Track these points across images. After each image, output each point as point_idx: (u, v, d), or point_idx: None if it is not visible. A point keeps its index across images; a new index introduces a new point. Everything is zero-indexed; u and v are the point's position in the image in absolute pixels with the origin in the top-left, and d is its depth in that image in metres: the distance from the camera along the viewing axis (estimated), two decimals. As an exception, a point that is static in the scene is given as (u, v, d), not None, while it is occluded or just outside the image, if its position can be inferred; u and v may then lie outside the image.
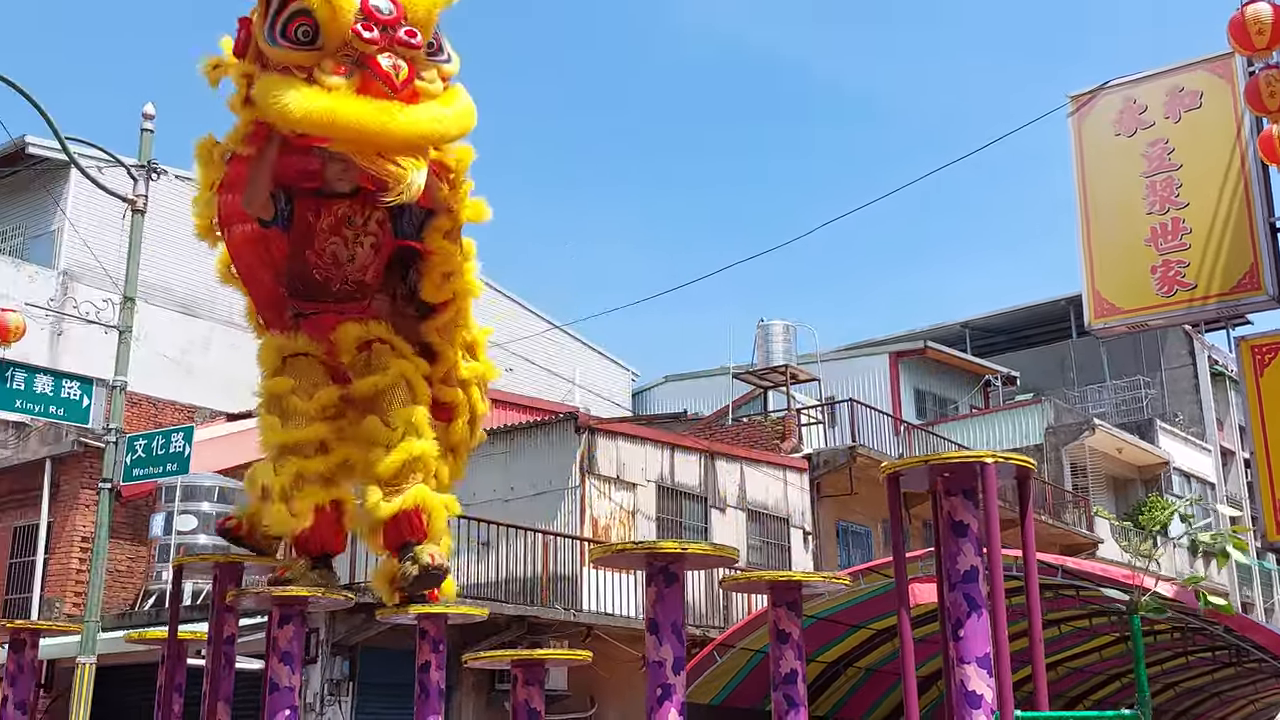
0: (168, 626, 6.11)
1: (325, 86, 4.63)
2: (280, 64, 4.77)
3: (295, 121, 4.64)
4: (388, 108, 4.62)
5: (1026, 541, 3.95)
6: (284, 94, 4.63)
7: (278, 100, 4.63)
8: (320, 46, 4.72)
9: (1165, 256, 10.96)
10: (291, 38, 4.74)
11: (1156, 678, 16.30)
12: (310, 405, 5.23)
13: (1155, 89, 11.50)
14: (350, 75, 4.67)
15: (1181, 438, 30.58)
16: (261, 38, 4.83)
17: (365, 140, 4.66)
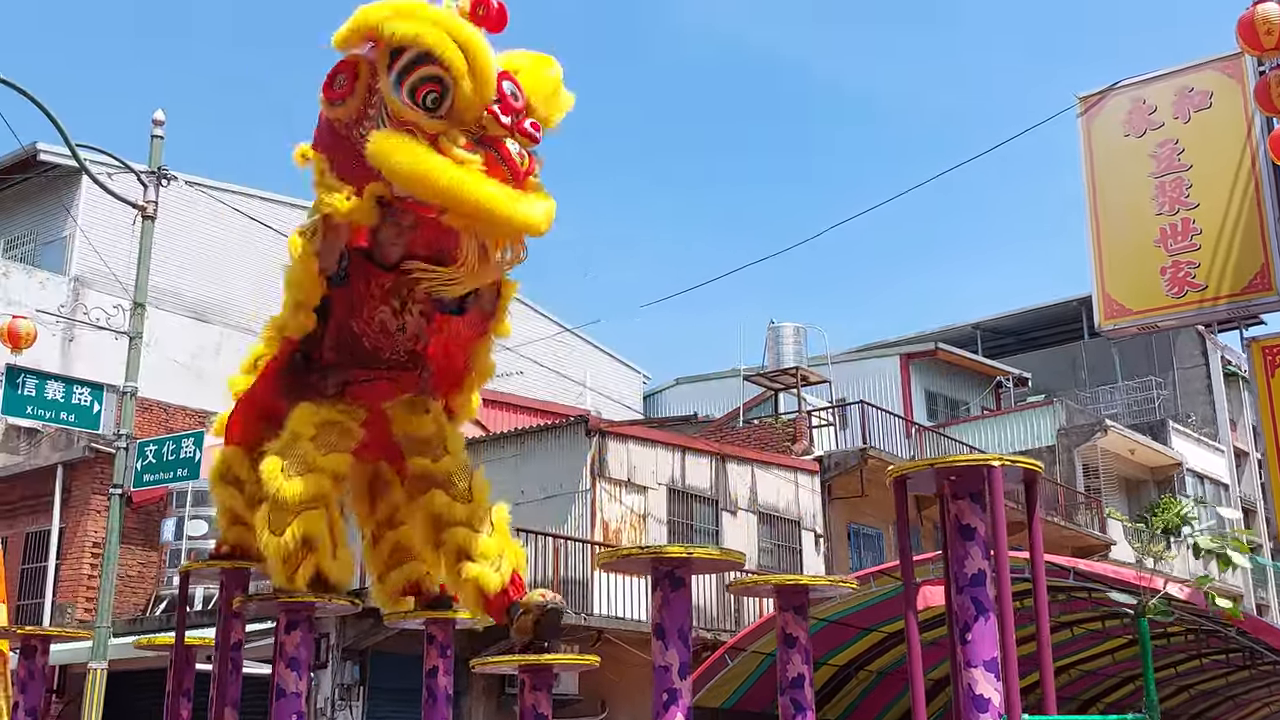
0: (175, 633, 6.12)
1: (456, 159, 4.45)
2: (402, 120, 4.53)
3: (432, 190, 4.45)
4: (512, 194, 4.49)
5: (1034, 544, 3.92)
6: (421, 158, 4.43)
7: (413, 163, 4.42)
8: (445, 116, 4.50)
9: (1175, 257, 10.92)
10: (419, 101, 4.50)
11: (1170, 680, 16.22)
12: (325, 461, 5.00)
13: (1164, 89, 11.46)
14: (475, 152, 4.51)
15: (1194, 439, 30.46)
16: (387, 89, 4.57)
17: (486, 222, 4.54)
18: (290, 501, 4.83)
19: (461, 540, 5.05)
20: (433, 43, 4.43)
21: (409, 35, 4.46)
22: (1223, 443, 31.50)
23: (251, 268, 24.34)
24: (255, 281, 24.47)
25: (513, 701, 14.83)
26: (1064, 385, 32.24)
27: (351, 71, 4.71)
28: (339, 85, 4.75)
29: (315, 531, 4.87)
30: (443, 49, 4.43)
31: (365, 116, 4.70)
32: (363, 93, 4.70)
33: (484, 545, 5.05)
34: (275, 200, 24.41)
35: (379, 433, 5.26)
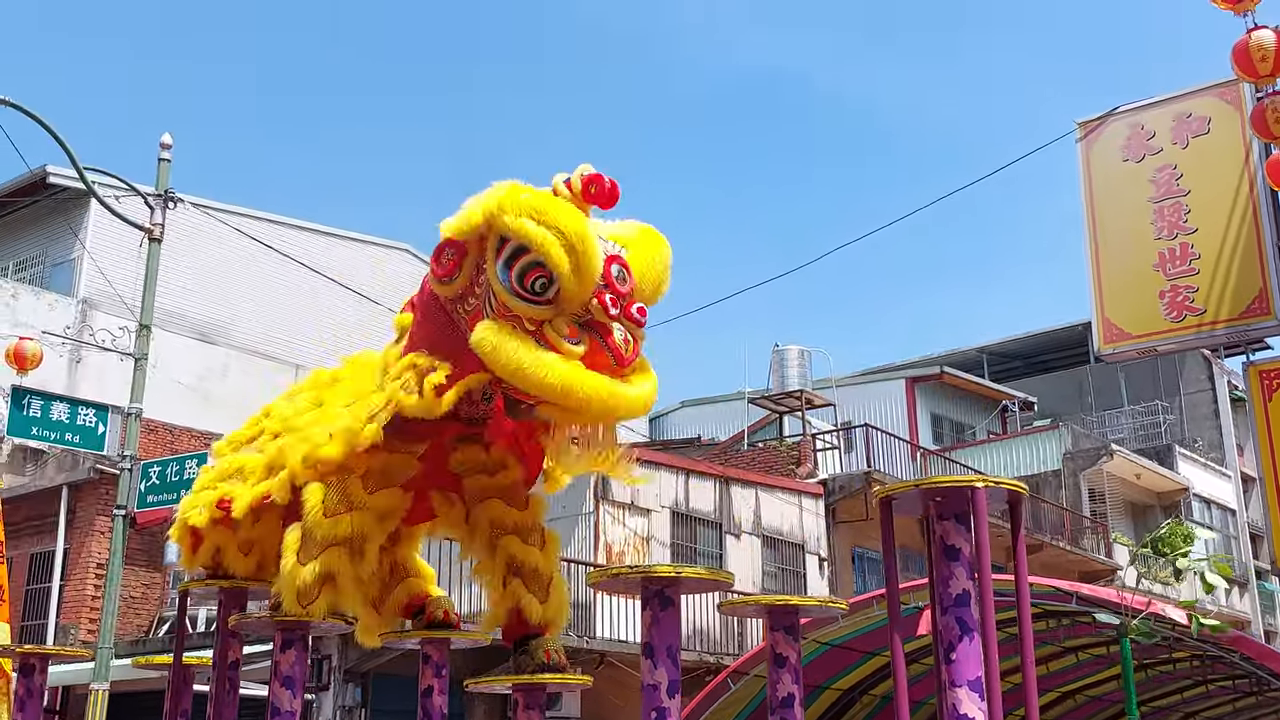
0: (173, 652, 6.16)
1: (562, 352, 4.43)
2: (507, 309, 4.51)
3: (536, 385, 4.42)
4: (614, 383, 4.48)
5: (1019, 564, 3.96)
6: (526, 354, 4.41)
7: (519, 359, 4.40)
8: (552, 301, 4.46)
9: (1174, 281, 10.94)
10: (528, 286, 4.46)
11: (1177, 707, 16.12)
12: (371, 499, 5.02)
13: (1163, 115, 11.51)
14: (579, 341, 4.48)
15: (1201, 463, 30.38)
16: (494, 276, 4.54)
17: (587, 415, 4.56)
18: (322, 536, 4.87)
19: (513, 550, 5.12)
20: (538, 241, 4.41)
21: (514, 230, 4.45)
22: (1229, 468, 31.40)
23: (257, 289, 24.50)
24: (260, 303, 24.63)
25: (514, 724, 14.83)
26: (1070, 409, 32.21)
27: (460, 249, 4.70)
28: (446, 260, 4.73)
29: (338, 569, 4.90)
30: (547, 248, 4.40)
31: (471, 294, 4.71)
32: (470, 272, 4.69)
33: (536, 561, 5.12)
34: (280, 222, 24.58)
35: (435, 463, 5.27)
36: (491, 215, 4.52)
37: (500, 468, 5.29)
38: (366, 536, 4.99)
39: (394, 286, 24.91)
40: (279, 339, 24.72)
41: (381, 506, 5.03)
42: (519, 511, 5.21)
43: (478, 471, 5.29)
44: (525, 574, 5.09)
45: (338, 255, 24.82)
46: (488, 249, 4.59)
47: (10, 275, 23.23)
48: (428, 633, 5.61)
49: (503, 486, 5.26)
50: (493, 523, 5.18)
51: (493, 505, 5.21)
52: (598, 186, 4.58)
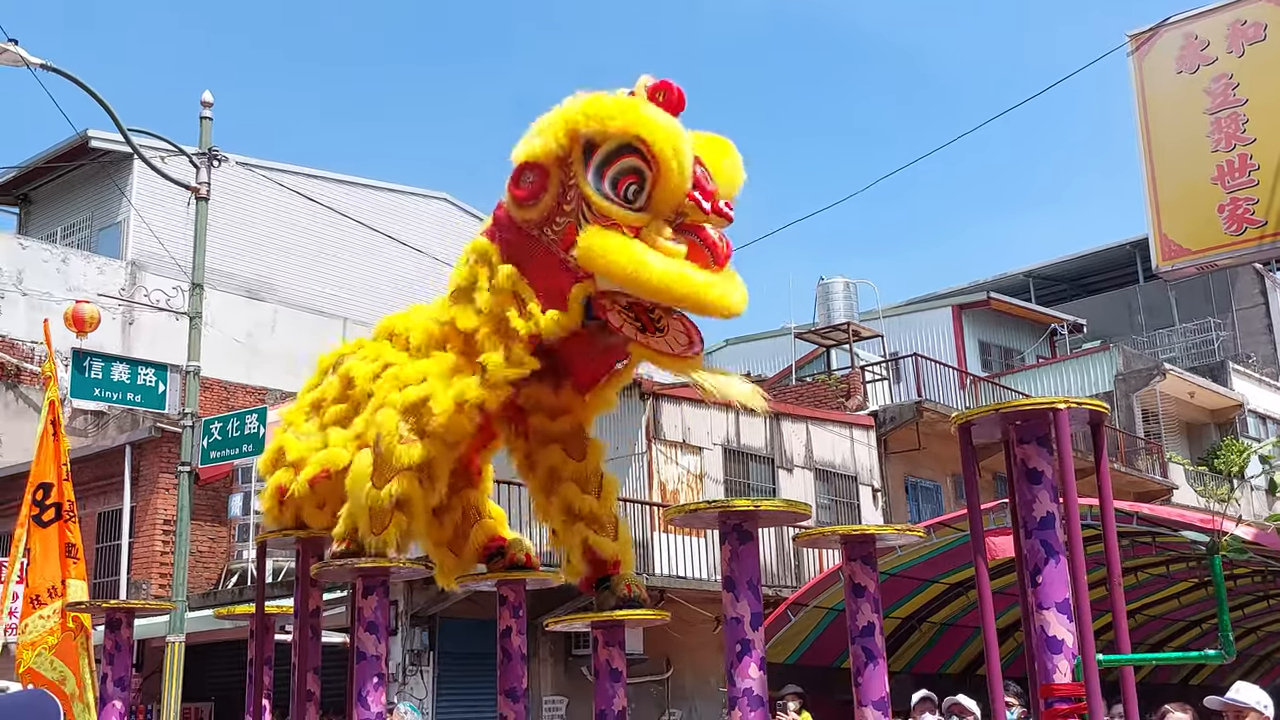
0: (254, 601, 6.27)
1: (665, 251, 4.36)
2: (605, 216, 4.42)
3: (647, 286, 4.34)
4: (717, 280, 4.42)
5: (1103, 486, 3.92)
6: (634, 255, 4.33)
7: (627, 261, 4.33)
8: (645, 208, 4.41)
9: (1233, 194, 10.73)
10: (620, 196, 4.41)
11: (1238, 622, 16.10)
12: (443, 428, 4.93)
13: (1216, 23, 11.23)
14: (678, 243, 4.43)
15: (1255, 379, 29.99)
16: (586, 184, 4.45)
17: (696, 311, 4.48)
18: (395, 461, 4.87)
19: (569, 496, 5.11)
20: (638, 132, 4.35)
21: (610, 127, 4.39)
22: (1285, 382, 31.01)
23: (300, 244, 24.64)
24: (304, 258, 24.78)
25: (579, 663, 15.04)
26: (1120, 330, 31.85)
27: (541, 170, 4.60)
28: (526, 183, 4.63)
29: (411, 494, 4.90)
30: (652, 137, 4.34)
31: (558, 214, 4.60)
32: (555, 191, 4.58)
33: (593, 507, 5.10)
34: (321, 177, 24.64)
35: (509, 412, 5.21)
36: (577, 125, 4.44)
37: (563, 412, 5.25)
38: (437, 462, 4.98)
39: (434, 236, 24.98)
40: (324, 293, 24.89)
41: (452, 432, 4.97)
42: (577, 461, 5.18)
43: (542, 412, 5.25)
44: (585, 519, 5.08)
45: (377, 207, 24.88)
46: (574, 161, 4.50)
47: (59, 240, 23.48)
48: (504, 574, 5.66)
49: (564, 433, 5.22)
50: (551, 470, 5.17)
51: (553, 452, 5.19)
52: (665, 93, 4.51)
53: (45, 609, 8.85)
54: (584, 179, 4.47)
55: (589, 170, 4.45)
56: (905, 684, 14.59)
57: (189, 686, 12.91)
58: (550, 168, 4.58)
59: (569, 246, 4.53)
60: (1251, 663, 18.74)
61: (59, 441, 9.28)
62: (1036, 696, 3.79)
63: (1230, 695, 5.78)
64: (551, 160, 4.56)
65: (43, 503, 9.14)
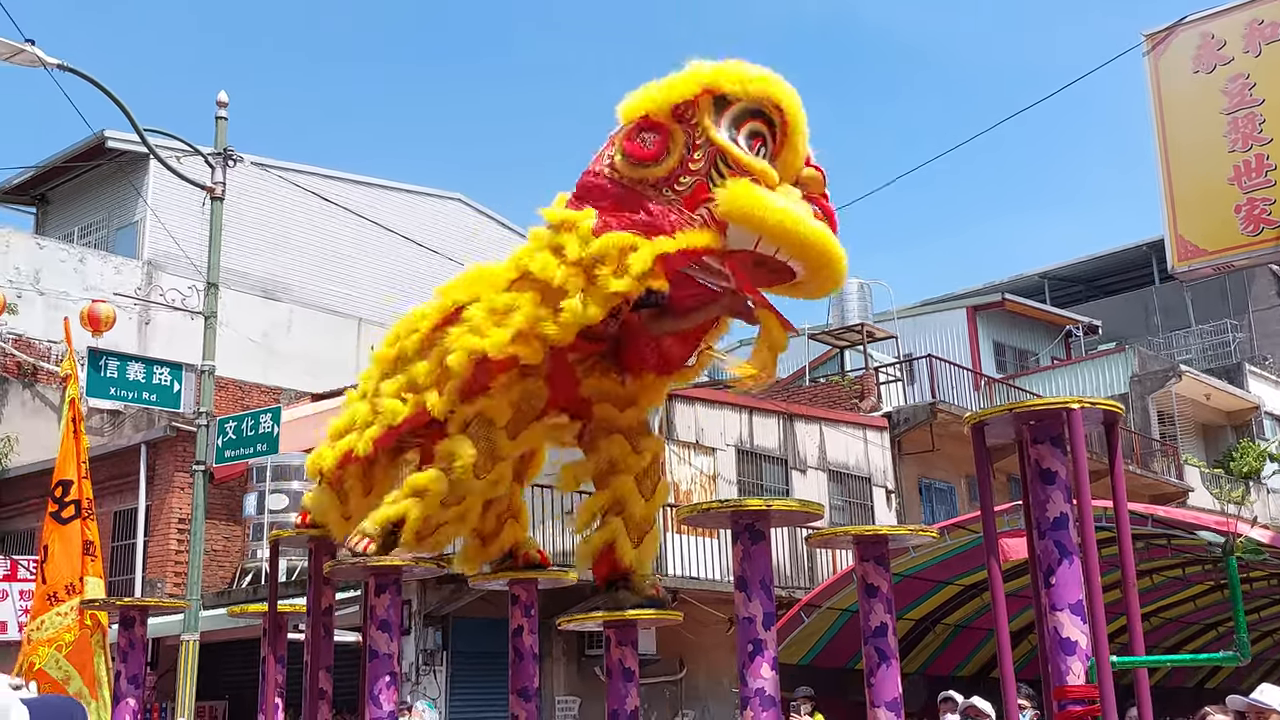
0: (267, 600, 6.29)
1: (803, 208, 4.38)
2: (745, 170, 4.38)
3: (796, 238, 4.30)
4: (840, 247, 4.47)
5: (1117, 487, 3.90)
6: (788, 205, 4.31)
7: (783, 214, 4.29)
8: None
9: (1250, 194, 10.68)
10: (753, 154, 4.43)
11: (1254, 625, 16.02)
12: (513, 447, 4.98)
13: (1233, 23, 11.18)
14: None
15: (1272, 381, 29.81)
16: (721, 137, 4.41)
17: (826, 268, 4.43)
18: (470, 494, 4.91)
19: (624, 493, 5.10)
20: (774, 96, 4.39)
21: (750, 89, 4.40)
22: (1303, 384, 30.81)
23: (315, 244, 24.71)
24: (319, 258, 24.85)
25: (592, 663, 15.03)
26: (1136, 332, 31.70)
27: (661, 129, 4.53)
28: (648, 143, 4.54)
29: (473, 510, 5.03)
30: (786, 102, 4.39)
31: (685, 173, 4.49)
32: (681, 149, 4.50)
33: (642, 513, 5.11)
34: (336, 177, 24.72)
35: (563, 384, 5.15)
36: (716, 82, 4.44)
37: (629, 404, 5.21)
38: (503, 480, 5.05)
39: (449, 236, 25.01)
40: (338, 293, 24.96)
41: (522, 449, 5.04)
42: (636, 455, 5.15)
43: (609, 401, 5.20)
44: (627, 517, 5.08)
45: (392, 207, 24.93)
46: (700, 117, 4.45)
47: (76, 240, 23.60)
48: (516, 573, 5.67)
49: (628, 426, 5.19)
50: (612, 462, 5.13)
51: (616, 442, 5.15)
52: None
53: (63, 606, 8.88)
54: (716, 132, 4.43)
55: (721, 126, 4.42)
56: (918, 686, 14.56)
57: (203, 685, 12.95)
58: (671, 126, 4.52)
59: (697, 204, 4.44)
60: (1268, 666, 18.63)
61: (79, 439, 9.33)
62: (1050, 698, 3.77)
63: (1254, 696, 5.76)
64: (672, 119, 4.51)
65: (62, 499, 9.18)
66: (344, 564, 5.46)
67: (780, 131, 4.43)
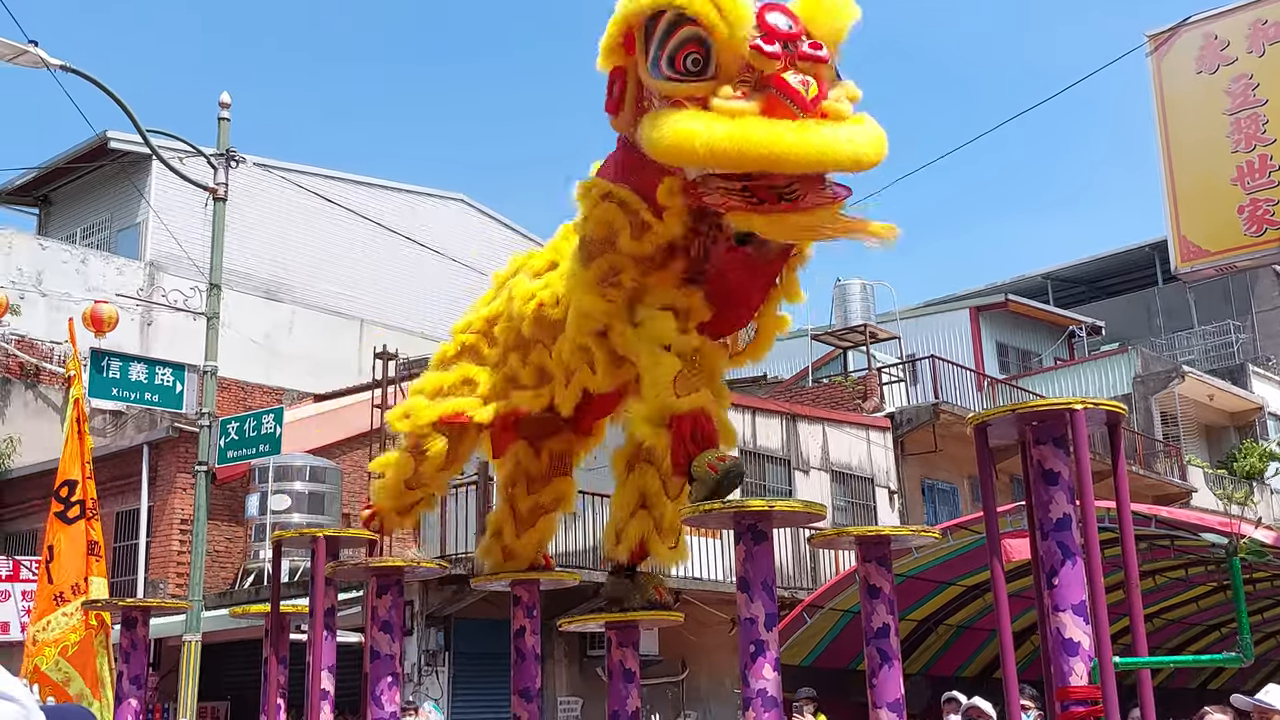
0: (270, 600, 6.30)
1: (727, 112, 4.05)
2: (669, 98, 4.21)
3: (692, 153, 4.04)
4: (802, 125, 4.00)
5: (1120, 487, 3.90)
6: (680, 125, 4.05)
7: (669, 133, 4.06)
8: (714, 75, 4.16)
9: (1253, 195, 10.67)
10: (681, 69, 4.18)
11: (1258, 627, 15.99)
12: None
13: (1237, 23, 11.16)
14: (750, 100, 4.09)
15: (1276, 381, 29.77)
16: (645, 73, 4.30)
17: (778, 163, 4.02)
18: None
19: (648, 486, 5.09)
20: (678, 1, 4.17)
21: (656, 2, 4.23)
22: (1306, 385, 30.77)
23: (318, 245, 24.72)
24: (322, 258, 24.86)
25: (594, 664, 15.03)
26: (1139, 333, 31.67)
27: (619, 74, 4.48)
28: (612, 94, 4.53)
29: None
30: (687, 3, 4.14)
31: (640, 114, 4.42)
32: (634, 92, 4.46)
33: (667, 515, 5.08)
34: (338, 178, 24.73)
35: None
36: (634, 9, 4.31)
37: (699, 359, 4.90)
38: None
39: (451, 237, 25.01)
40: (341, 293, 24.97)
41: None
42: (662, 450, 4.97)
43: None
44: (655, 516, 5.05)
45: (394, 208, 24.94)
46: (637, 51, 4.35)
47: (78, 241, 23.62)
48: (519, 574, 5.67)
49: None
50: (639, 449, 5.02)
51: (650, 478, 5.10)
52: None
53: (69, 606, 8.90)
54: (644, 66, 4.32)
55: (649, 55, 4.29)
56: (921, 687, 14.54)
57: (205, 685, 12.95)
58: (627, 68, 4.46)
59: None
60: (1271, 667, 18.59)
61: (83, 440, 9.34)
62: (1052, 699, 3.77)
63: (1259, 697, 5.76)
64: (624, 60, 4.45)
65: (68, 500, 9.20)
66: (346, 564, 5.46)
67: (707, 28, 4.14)
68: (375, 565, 5.19)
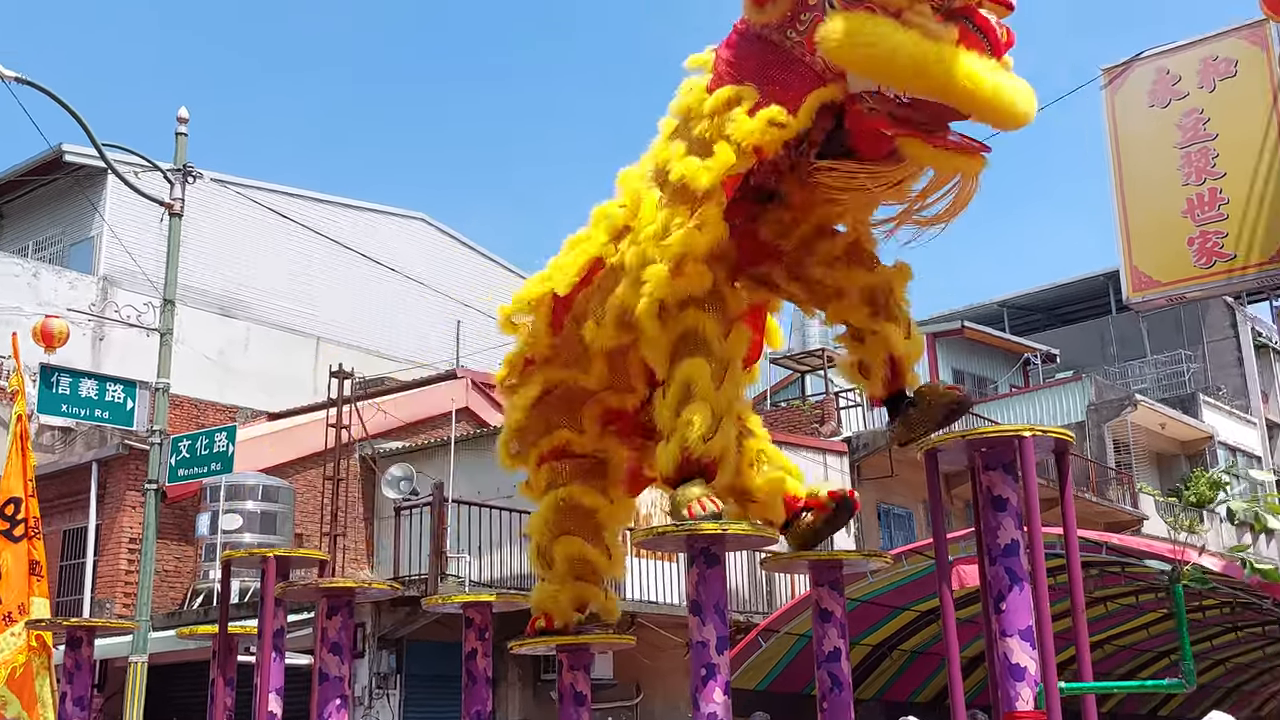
0: (218, 621, 6.22)
1: (929, 34, 3.73)
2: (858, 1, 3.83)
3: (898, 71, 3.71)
4: (996, 69, 3.77)
5: (1067, 514, 3.94)
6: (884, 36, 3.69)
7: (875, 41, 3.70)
8: None
9: (1203, 227, 10.87)
10: None
11: (1207, 654, 16.15)
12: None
13: (1188, 59, 11.39)
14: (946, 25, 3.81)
15: (1226, 411, 30.21)
16: None
17: (967, 103, 3.79)
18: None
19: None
20: None
21: None
22: (1254, 415, 31.22)
23: (275, 262, 24.54)
24: (279, 276, 24.69)
25: (549, 688, 14.93)
26: (1093, 361, 32.04)
27: None
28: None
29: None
30: None
31: (804, 9, 4.02)
32: None
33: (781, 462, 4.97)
34: (297, 195, 24.58)
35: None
36: None
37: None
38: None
39: (412, 256, 24.92)
40: (298, 311, 24.77)
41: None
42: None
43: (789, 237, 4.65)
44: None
45: (354, 226, 24.81)
46: None
47: (30, 255, 23.31)
48: (468, 596, 5.65)
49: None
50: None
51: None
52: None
53: (15, 626, 8.75)
54: None
55: None
56: (875, 712, 14.57)
57: (151, 707, 12.74)
58: None
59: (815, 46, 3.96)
60: (1219, 694, 18.80)
61: (26, 456, 9.19)
62: (1000, 724, 3.79)
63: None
64: None
65: (14, 518, 9.04)
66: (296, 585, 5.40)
67: None
68: (326, 586, 5.14)
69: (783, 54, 4.11)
